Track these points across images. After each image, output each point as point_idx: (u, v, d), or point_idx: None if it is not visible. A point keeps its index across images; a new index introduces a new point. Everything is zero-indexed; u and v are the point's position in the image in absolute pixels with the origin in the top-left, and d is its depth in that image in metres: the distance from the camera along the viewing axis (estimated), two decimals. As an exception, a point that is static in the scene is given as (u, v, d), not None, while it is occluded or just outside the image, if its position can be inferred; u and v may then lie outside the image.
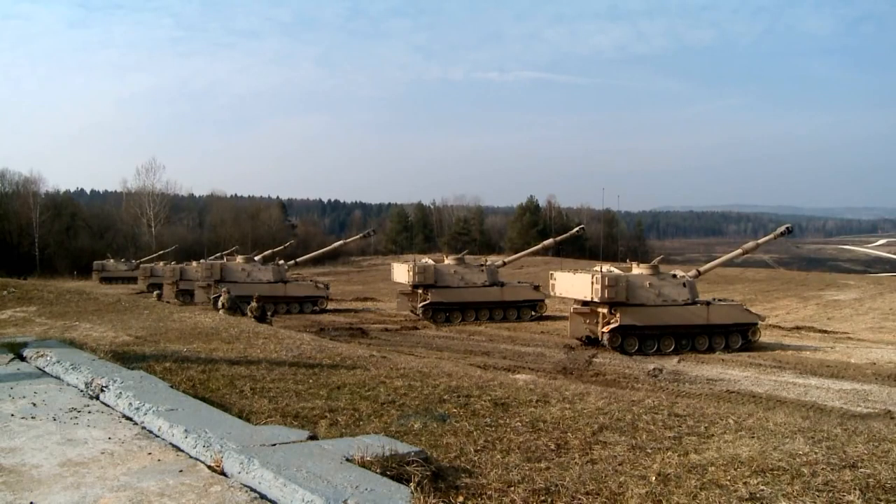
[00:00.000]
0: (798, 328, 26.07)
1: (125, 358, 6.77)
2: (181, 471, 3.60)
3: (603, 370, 16.47)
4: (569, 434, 4.44)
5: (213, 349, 7.82)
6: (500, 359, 17.47)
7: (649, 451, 4.04)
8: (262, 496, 3.22)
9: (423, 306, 27.25)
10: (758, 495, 3.19)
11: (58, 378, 5.95)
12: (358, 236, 41.18)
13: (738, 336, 20.46)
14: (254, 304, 17.94)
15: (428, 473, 3.33)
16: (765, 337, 21.54)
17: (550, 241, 31.20)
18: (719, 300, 21.84)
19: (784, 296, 36.79)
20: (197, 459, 3.79)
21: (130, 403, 4.78)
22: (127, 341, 8.18)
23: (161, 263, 48.28)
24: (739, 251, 23.04)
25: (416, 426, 4.64)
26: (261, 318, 16.83)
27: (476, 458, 3.91)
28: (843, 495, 3.14)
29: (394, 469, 3.36)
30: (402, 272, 28.61)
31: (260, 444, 3.75)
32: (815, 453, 3.76)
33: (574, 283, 21.16)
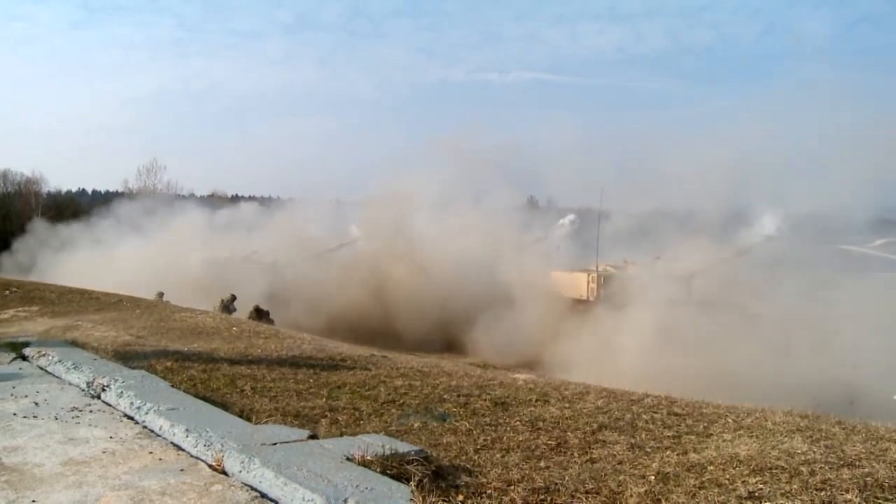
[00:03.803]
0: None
1: (126, 357, 6.78)
2: (182, 470, 3.62)
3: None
4: (568, 433, 4.45)
5: (214, 349, 7.83)
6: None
7: (648, 450, 4.06)
8: (263, 495, 3.24)
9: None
10: (756, 494, 3.20)
11: (59, 377, 5.96)
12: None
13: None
14: (252, 311, 18.08)
15: (428, 472, 3.35)
16: (765, 336, 21.52)
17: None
18: None
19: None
20: (198, 458, 3.80)
21: (132, 403, 4.80)
22: (128, 341, 8.19)
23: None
24: (735, 251, 23.07)
25: (416, 425, 4.66)
26: (260, 316, 16.89)
27: (476, 457, 3.92)
28: (841, 494, 3.15)
29: (394, 468, 3.37)
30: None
31: (261, 443, 3.77)
32: (814, 452, 3.77)
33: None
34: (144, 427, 4.46)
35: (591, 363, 18.78)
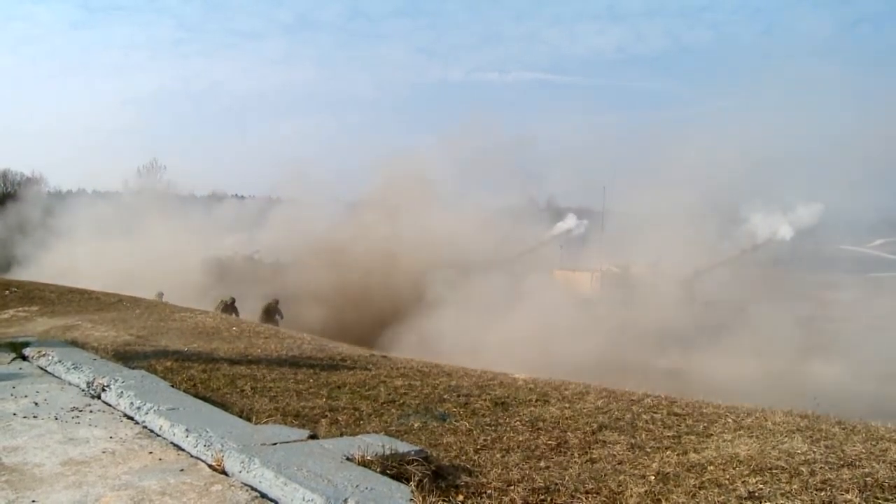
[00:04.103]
0: (798, 328, 26.03)
1: (126, 357, 6.78)
2: (182, 470, 3.62)
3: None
4: (568, 433, 4.45)
5: (214, 349, 7.83)
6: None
7: (648, 450, 4.06)
8: (263, 495, 3.24)
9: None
10: (756, 494, 3.20)
11: (59, 377, 5.96)
12: None
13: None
14: (271, 302, 18.23)
15: (428, 472, 3.35)
16: (765, 336, 21.55)
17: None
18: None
19: (784, 295, 36.70)
20: (198, 458, 3.81)
21: (132, 403, 4.80)
22: (128, 341, 8.19)
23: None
24: (737, 252, 23.14)
25: (415, 425, 4.66)
26: (270, 313, 17.05)
27: (476, 457, 3.93)
28: (842, 494, 3.15)
29: (394, 468, 3.37)
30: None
31: (261, 443, 3.77)
32: (814, 452, 3.78)
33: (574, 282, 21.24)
34: (144, 427, 4.46)
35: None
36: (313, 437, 3.97)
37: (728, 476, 3.46)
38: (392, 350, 14.14)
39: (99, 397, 5.24)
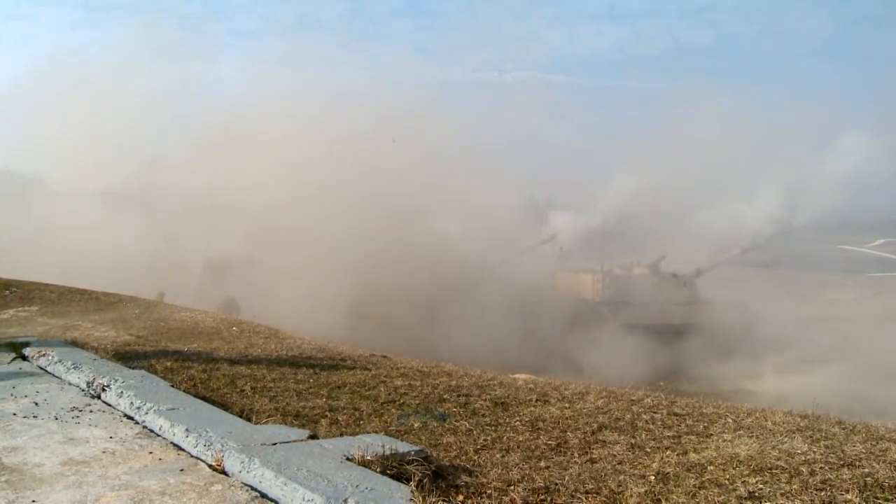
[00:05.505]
0: (798, 328, 26.03)
1: (126, 357, 6.78)
2: (182, 470, 3.62)
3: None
4: (568, 433, 4.45)
5: (214, 348, 7.84)
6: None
7: (648, 450, 4.06)
8: (263, 495, 3.24)
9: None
10: (756, 494, 3.21)
11: (59, 377, 5.96)
12: None
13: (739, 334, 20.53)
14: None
15: (428, 472, 3.35)
16: (765, 336, 21.55)
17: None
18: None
19: (784, 295, 36.69)
20: (198, 458, 3.81)
21: (132, 403, 4.80)
22: (128, 341, 8.20)
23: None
24: (738, 251, 23.17)
25: (416, 425, 4.66)
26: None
27: (476, 458, 3.93)
28: (842, 494, 3.15)
29: (394, 468, 3.37)
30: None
31: (261, 443, 3.77)
32: (814, 452, 3.78)
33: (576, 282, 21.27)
34: (144, 427, 4.47)
35: None
36: (313, 437, 3.97)
37: (728, 476, 3.46)
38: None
39: (99, 397, 5.24)
